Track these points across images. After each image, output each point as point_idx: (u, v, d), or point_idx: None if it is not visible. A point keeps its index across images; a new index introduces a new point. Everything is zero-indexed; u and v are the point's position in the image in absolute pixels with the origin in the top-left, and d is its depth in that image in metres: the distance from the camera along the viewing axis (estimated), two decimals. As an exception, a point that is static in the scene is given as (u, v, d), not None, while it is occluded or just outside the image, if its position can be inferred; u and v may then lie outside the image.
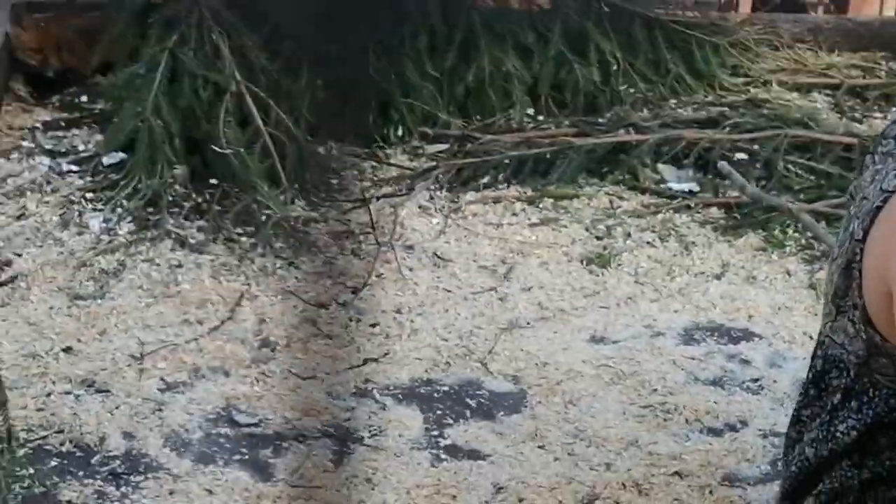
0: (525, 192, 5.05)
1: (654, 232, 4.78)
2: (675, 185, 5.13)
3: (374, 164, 5.31)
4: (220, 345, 3.96)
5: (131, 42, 5.43)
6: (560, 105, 5.75)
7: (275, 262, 4.46)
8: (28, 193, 4.84)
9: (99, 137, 5.29)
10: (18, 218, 4.66)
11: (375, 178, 5.19)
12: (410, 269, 4.47)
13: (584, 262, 4.56)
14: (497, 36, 5.72)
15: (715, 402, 3.77)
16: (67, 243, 4.51)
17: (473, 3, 5.75)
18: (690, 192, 5.09)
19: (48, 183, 4.93)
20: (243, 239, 4.59)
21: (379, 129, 5.47)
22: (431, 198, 5.01)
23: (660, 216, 4.89)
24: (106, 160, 5.03)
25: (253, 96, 5.08)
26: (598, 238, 4.75)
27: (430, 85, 5.59)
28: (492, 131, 5.48)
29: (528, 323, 4.16)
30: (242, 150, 4.88)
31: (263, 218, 4.66)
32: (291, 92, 5.36)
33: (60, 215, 4.69)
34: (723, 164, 5.14)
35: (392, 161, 5.34)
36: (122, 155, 5.01)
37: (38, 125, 5.49)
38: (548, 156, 5.19)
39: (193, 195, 4.83)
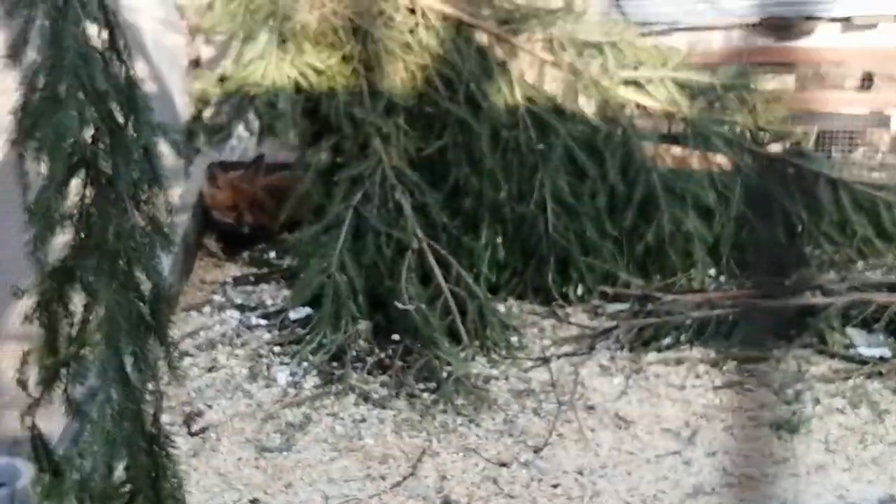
0: (708, 354, 5.00)
1: (844, 398, 4.67)
2: (865, 351, 5.00)
3: (555, 322, 5.36)
4: (401, 501, 4.00)
5: (317, 200, 5.61)
6: (742, 266, 5.69)
7: (456, 419, 4.51)
8: (219, 346, 5.03)
9: (286, 292, 5.50)
10: (209, 370, 4.84)
11: (556, 337, 5.22)
12: (592, 430, 4.46)
13: (772, 428, 4.45)
14: (677, 196, 5.71)
15: (911, 579, 3.64)
16: (255, 396, 4.66)
17: (653, 163, 5.78)
18: (882, 358, 4.95)
19: (238, 336, 5.13)
20: (425, 395, 4.66)
21: (559, 288, 5.53)
22: (612, 357, 5.01)
23: (850, 382, 4.77)
24: (293, 315, 5.21)
25: (434, 253, 5.19)
26: (786, 403, 4.65)
27: (610, 244, 5.61)
28: (673, 291, 5.45)
29: (714, 489, 4.09)
30: (424, 306, 4.97)
31: (445, 374, 4.72)
32: (472, 249, 5.48)
33: (249, 368, 4.85)
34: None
35: (572, 320, 5.37)
36: (308, 310, 5.17)
37: (228, 280, 5.73)
38: (731, 317, 5.13)
39: (376, 350, 4.94)
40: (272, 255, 6.03)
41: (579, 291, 5.53)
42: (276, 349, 5.00)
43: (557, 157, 5.64)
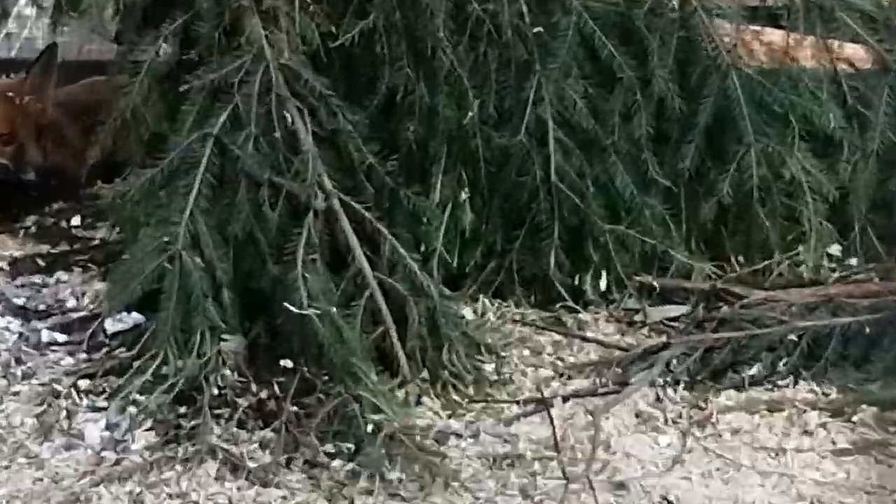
0: (826, 394, 5.09)
1: None
2: None
3: (560, 337, 5.45)
4: None
5: (152, 126, 5.66)
6: (887, 240, 5.82)
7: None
8: (-16, 379, 5.10)
9: (100, 286, 5.58)
10: (-26, 423, 4.90)
11: (560, 362, 5.31)
12: (623, 526, 4.52)
13: (935, 525, 4.50)
14: (774, 116, 5.88)
15: None
16: (49, 465, 4.67)
17: (732, 60, 5.83)
18: None
19: (18, 363, 5.20)
20: (335, 463, 4.69)
21: (567, 277, 5.63)
22: (659, 398, 5.09)
23: None
24: (110, 326, 5.27)
25: (353, 218, 5.25)
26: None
27: (657, 202, 5.77)
28: (765, 285, 5.56)
29: None
30: (334, 309, 5.01)
31: (369, 428, 4.74)
32: (417, 211, 5.53)
33: (37, 417, 4.89)
34: None
35: (589, 333, 5.48)
36: (136, 317, 5.25)
37: (1, 266, 5.84)
38: (866, 329, 5.19)
39: (253, 387, 4.98)
40: (75, 220, 6.14)
41: (602, 284, 5.64)
42: (84, 384, 5.05)
43: (566, 49, 5.69)
